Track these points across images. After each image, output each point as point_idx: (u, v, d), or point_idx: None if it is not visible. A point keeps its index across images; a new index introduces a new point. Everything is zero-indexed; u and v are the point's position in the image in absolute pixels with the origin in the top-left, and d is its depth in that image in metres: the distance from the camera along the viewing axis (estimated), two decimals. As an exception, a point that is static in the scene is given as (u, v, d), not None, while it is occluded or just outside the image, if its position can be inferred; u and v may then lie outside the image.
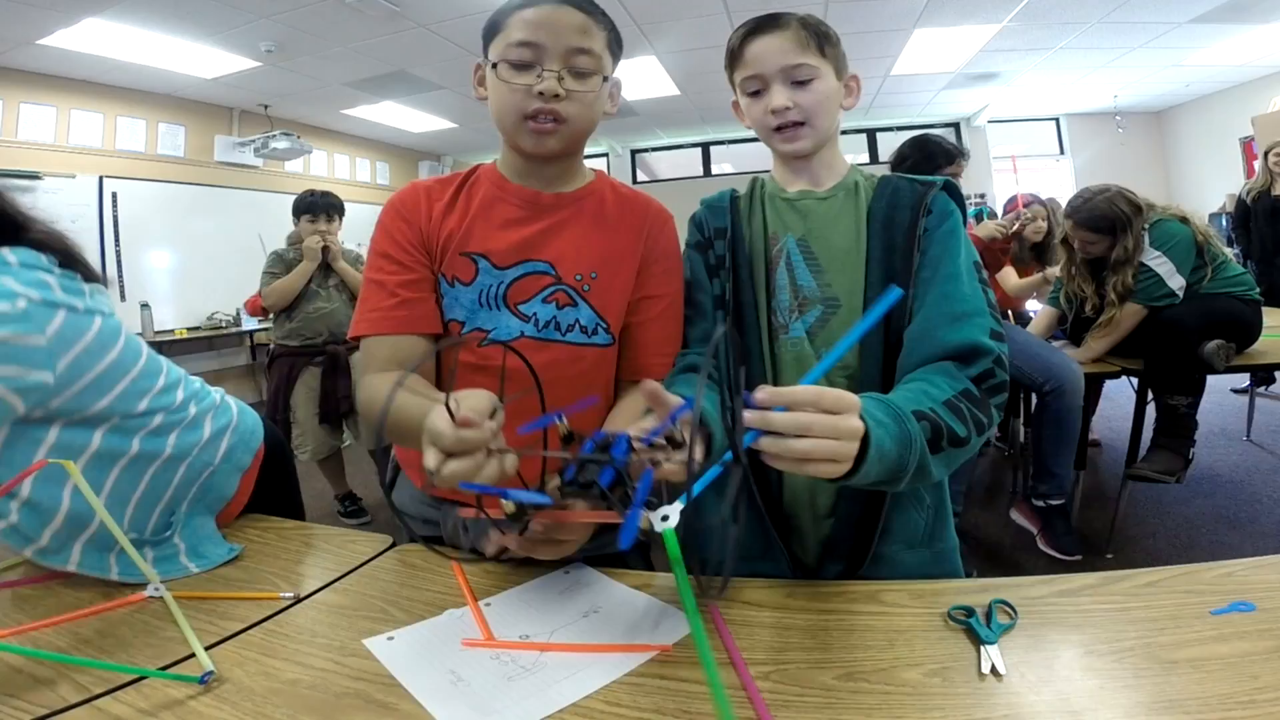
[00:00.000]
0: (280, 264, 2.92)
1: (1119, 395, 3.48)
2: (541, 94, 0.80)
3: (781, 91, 0.84)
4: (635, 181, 8.78)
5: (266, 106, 6.01)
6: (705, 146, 8.62)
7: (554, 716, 0.54)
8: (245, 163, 6.08)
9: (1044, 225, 2.71)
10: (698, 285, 0.92)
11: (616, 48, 0.87)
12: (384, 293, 0.86)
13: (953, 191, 0.86)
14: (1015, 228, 2.66)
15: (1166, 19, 4.93)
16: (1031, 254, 2.79)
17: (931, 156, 2.16)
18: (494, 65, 0.82)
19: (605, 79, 0.85)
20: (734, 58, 0.89)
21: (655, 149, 8.75)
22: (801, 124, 0.85)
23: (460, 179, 0.92)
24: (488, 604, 0.71)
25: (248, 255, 5.54)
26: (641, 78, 5.75)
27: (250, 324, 5.59)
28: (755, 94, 0.87)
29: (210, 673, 0.59)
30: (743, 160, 8.63)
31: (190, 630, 0.66)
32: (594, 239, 0.89)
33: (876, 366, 0.81)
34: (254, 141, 5.92)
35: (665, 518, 0.51)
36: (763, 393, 0.54)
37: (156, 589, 0.75)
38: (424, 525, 0.95)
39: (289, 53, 4.76)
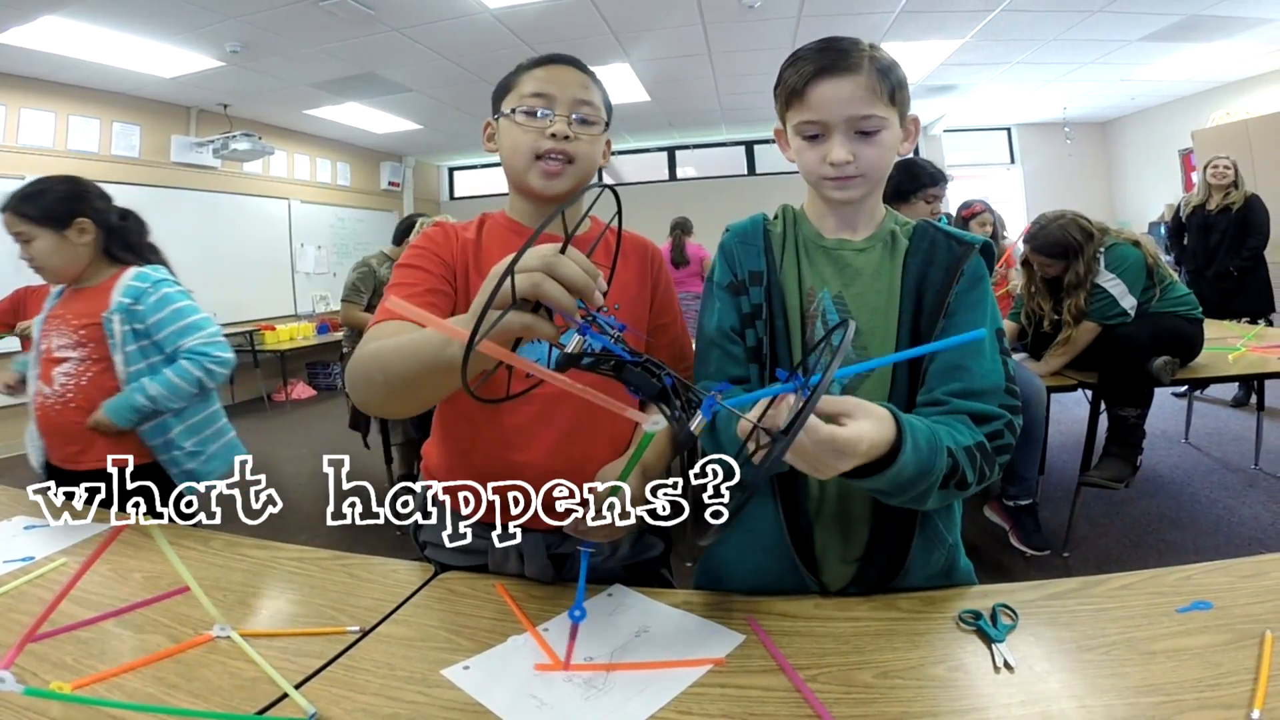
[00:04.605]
0: (372, 280, 2.68)
1: (1077, 405, 3.68)
2: (554, 135, 0.90)
3: (844, 144, 0.79)
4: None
5: (226, 106, 5.86)
6: (671, 151, 8.72)
7: (635, 731, 0.60)
8: (203, 163, 5.91)
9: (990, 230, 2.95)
10: (729, 335, 0.89)
11: (608, 110, 0.99)
12: (409, 291, 0.89)
13: (987, 254, 0.85)
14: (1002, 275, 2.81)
15: (1120, 36, 5.21)
16: None
17: (916, 178, 2.26)
18: (510, 112, 0.93)
19: (605, 126, 0.96)
20: (794, 97, 0.81)
21: (622, 152, 8.81)
22: (858, 176, 0.82)
23: (476, 224, 0.99)
24: (545, 629, 0.77)
25: (204, 258, 5.43)
26: (613, 84, 5.76)
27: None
28: (812, 138, 0.82)
29: (314, 714, 0.62)
30: (707, 164, 8.77)
31: (274, 671, 0.69)
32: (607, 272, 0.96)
33: (902, 404, 0.82)
34: (213, 142, 5.77)
35: (656, 422, 0.58)
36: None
37: (223, 629, 0.77)
38: (463, 555, 0.95)
39: (256, 53, 4.66)
